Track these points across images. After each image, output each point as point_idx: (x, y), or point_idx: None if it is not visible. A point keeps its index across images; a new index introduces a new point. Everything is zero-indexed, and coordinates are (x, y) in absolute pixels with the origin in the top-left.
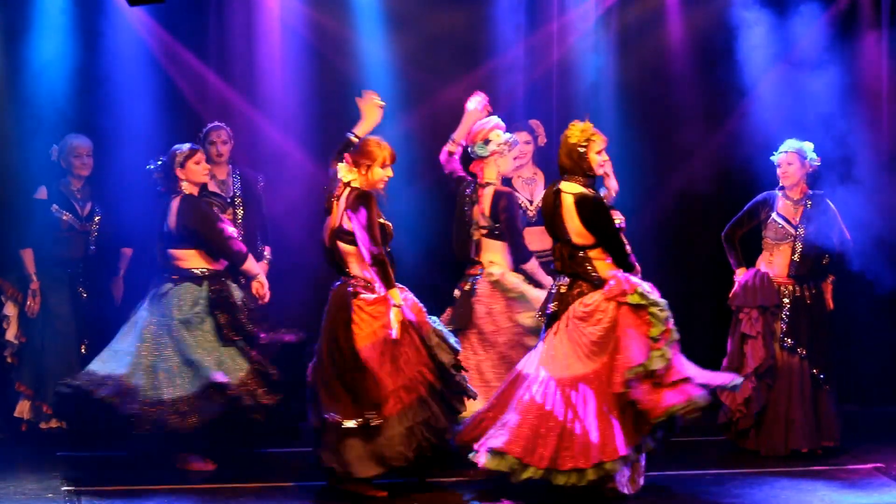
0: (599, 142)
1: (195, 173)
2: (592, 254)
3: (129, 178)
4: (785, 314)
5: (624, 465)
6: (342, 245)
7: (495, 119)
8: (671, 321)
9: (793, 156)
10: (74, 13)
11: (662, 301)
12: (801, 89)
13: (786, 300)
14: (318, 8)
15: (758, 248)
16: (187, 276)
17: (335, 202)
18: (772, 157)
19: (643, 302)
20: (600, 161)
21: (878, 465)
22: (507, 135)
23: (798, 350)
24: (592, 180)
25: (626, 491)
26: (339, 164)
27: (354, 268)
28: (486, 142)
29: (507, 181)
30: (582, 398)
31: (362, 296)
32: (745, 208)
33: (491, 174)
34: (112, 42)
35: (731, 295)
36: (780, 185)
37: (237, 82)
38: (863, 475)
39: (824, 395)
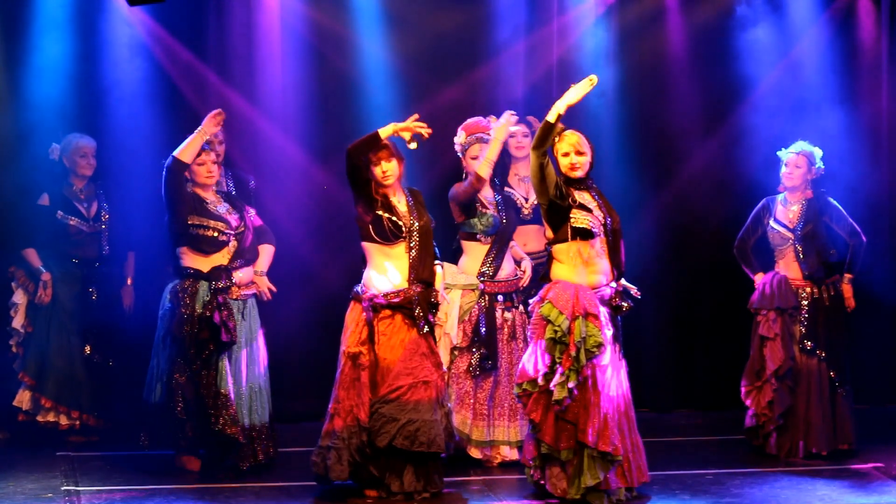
0: (565, 144)
1: (198, 174)
2: (553, 250)
3: (127, 178)
4: (803, 316)
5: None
6: None
7: (472, 119)
8: (574, 347)
9: (802, 159)
10: (74, 13)
11: (565, 323)
12: (801, 90)
13: (804, 302)
14: (318, 8)
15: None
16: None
17: None
18: (779, 153)
19: (549, 315)
20: (568, 164)
21: (878, 465)
22: (462, 135)
23: (818, 352)
24: (577, 181)
25: None
26: None
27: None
28: None
29: (504, 179)
30: None
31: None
32: (749, 219)
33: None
34: (112, 42)
35: (751, 299)
36: (783, 185)
37: (237, 82)
38: (863, 475)
39: (840, 398)
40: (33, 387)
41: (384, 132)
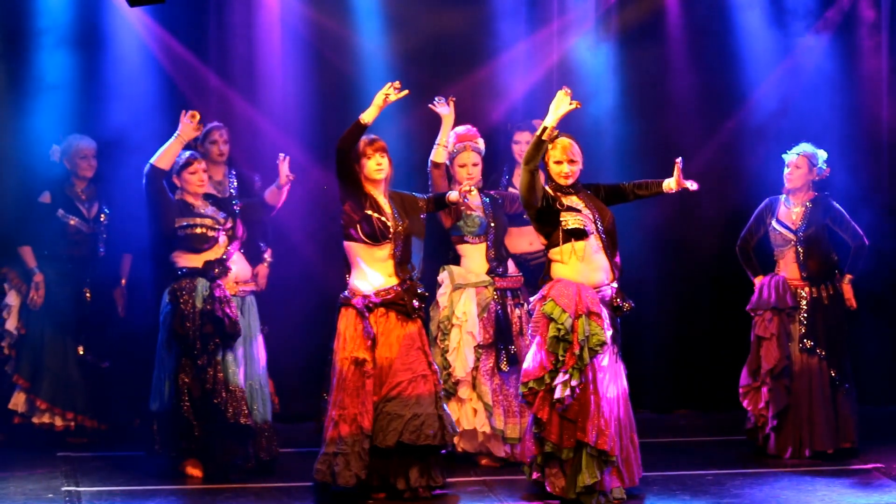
0: (558, 152)
1: (189, 183)
2: (550, 254)
3: (128, 178)
4: (803, 316)
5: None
6: None
7: (463, 126)
8: (578, 346)
9: (802, 160)
10: (75, 14)
11: (568, 321)
12: (801, 90)
13: (803, 303)
14: (318, 8)
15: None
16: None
17: None
18: (783, 155)
19: (552, 313)
20: (560, 172)
21: (878, 465)
22: (452, 142)
23: (818, 351)
24: (570, 187)
25: None
26: None
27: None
28: None
29: (509, 181)
30: None
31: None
32: (752, 217)
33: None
34: (112, 42)
35: (750, 301)
36: (785, 187)
37: (237, 82)
38: (863, 475)
39: (842, 396)
40: (28, 389)
41: (368, 117)
